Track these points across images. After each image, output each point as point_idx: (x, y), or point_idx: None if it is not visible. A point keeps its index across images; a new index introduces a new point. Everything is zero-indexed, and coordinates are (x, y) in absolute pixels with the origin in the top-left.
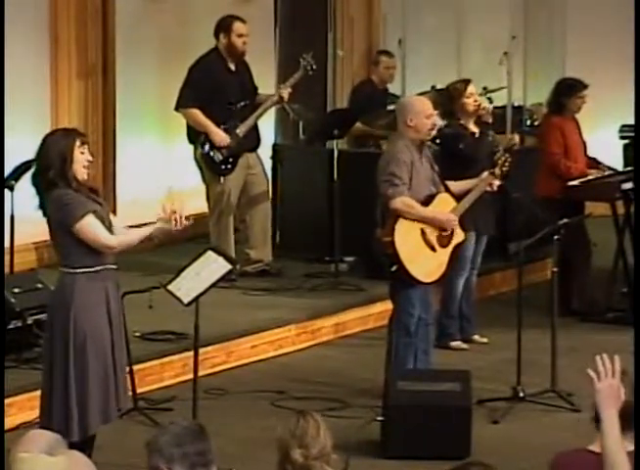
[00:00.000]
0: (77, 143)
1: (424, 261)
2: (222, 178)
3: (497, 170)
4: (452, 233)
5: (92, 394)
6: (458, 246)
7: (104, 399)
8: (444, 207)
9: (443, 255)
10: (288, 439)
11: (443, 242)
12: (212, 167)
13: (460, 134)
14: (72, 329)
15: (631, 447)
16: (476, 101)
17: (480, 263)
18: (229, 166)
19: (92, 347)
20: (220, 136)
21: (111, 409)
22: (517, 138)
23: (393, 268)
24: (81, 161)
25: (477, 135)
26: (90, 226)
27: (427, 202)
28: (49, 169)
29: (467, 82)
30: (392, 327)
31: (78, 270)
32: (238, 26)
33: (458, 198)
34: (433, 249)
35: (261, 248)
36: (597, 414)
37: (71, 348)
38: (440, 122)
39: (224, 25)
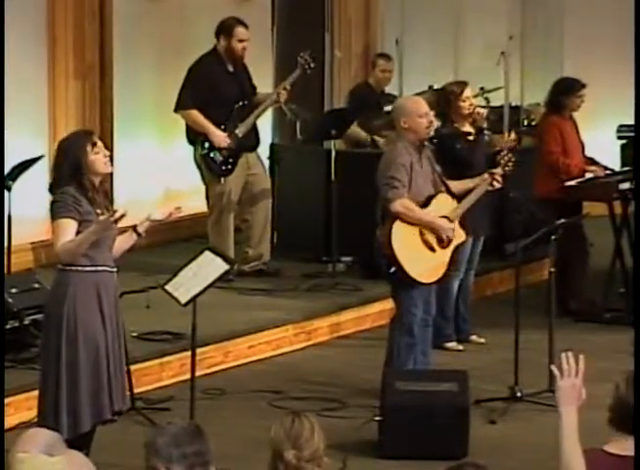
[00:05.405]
0: (89, 148)
1: (423, 262)
2: (223, 179)
3: (500, 170)
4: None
5: (83, 392)
6: (457, 247)
7: (95, 398)
8: (443, 206)
9: (443, 255)
10: (281, 439)
11: (443, 243)
12: (213, 168)
13: (456, 135)
14: (65, 327)
15: (632, 453)
16: (471, 105)
17: (476, 265)
18: (229, 167)
19: (84, 345)
20: (219, 137)
21: (103, 408)
22: (514, 135)
23: (392, 270)
24: (99, 160)
25: (471, 138)
26: (58, 228)
27: (426, 202)
28: (67, 184)
29: (463, 85)
30: (394, 327)
31: (73, 268)
32: (240, 31)
33: (459, 198)
34: (432, 249)
35: (260, 246)
36: (613, 416)
37: (64, 346)
38: (436, 123)
39: (226, 28)
